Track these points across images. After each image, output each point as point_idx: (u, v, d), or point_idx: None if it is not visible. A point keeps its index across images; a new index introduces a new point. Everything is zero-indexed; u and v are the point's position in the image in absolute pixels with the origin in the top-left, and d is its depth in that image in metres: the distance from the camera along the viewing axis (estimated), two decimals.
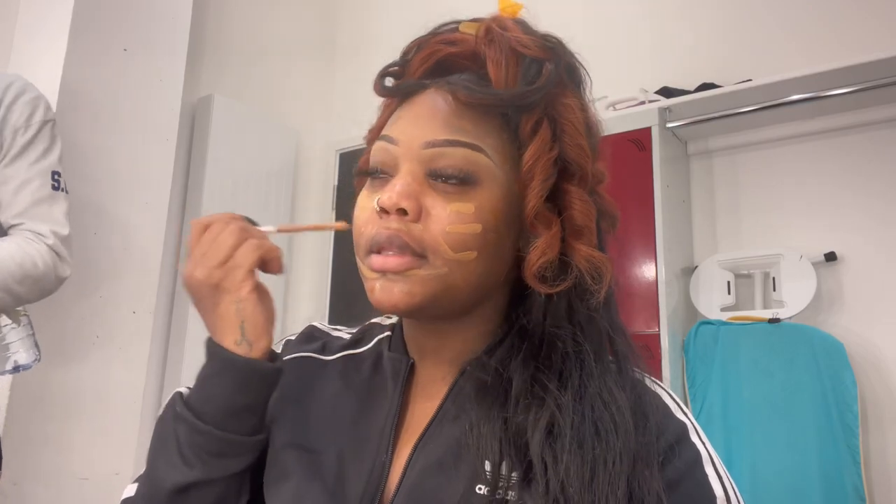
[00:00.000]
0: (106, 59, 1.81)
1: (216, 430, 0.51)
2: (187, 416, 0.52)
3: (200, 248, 0.53)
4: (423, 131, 0.53)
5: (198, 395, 0.53)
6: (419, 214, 0.51)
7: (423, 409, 0.57)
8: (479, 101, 0.52)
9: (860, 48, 1.76)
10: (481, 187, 0.52)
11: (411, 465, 0.53)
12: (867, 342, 1.72)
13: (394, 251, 0.51)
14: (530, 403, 0.50)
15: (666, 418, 0.53)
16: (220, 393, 0.52)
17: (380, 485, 0.53)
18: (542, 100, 0.54)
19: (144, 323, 1.84)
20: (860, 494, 1.56)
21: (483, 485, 0.49)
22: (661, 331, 1.75)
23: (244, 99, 2.45)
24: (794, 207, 1.89)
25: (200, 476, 0.51)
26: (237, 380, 0.52)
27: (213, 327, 0.54)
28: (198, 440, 0.51)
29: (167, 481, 0.51)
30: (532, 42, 0.54)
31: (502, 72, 0.53)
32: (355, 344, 0.65)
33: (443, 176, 0.52)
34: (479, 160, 0.52)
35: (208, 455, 0.51)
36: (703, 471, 0.50)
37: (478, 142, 0.53)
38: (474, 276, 0.53)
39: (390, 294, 0.51)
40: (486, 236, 0.52)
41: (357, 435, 0.57)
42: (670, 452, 0.50)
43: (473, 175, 0.52)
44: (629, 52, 2.20)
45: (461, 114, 0.53)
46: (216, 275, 0.52)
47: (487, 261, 0.53)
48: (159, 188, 1.92)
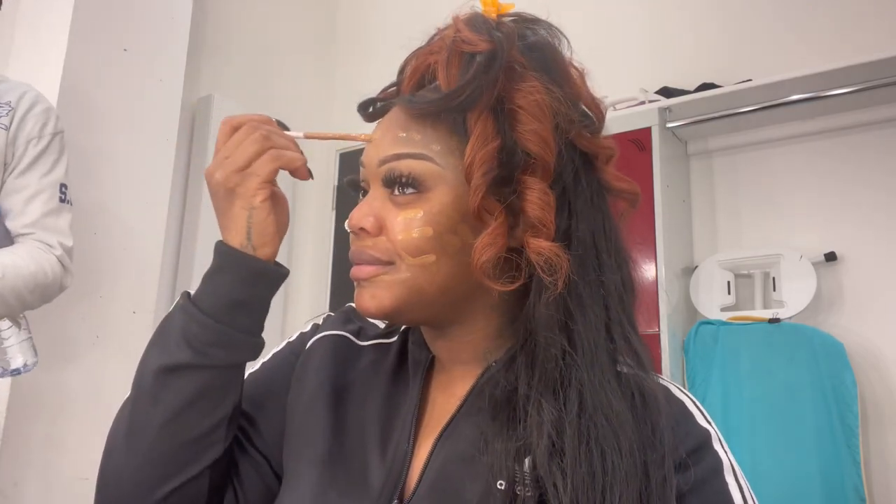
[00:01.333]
0: (106, 59, 1.81)
1: (212, 320, 0.54)
2: (188, 307, 0.55)
3: (225, 151, 0.55)
4: (378, 150, 0.56)
5: (201, 289, 0.56)
6: (379, 229, 0.55)
7: (445, 402, 0.58)
8: (419, 110, 0.54)
9: (860, 48, 1.76)
10: (431, 193, 0.54)
11: (433, 457, 0.54)
12: (867, 342, 1.72)
13: (363, 262, 0.55)
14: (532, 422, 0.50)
15: (689, 425, 0.53)
16: (220, 286, 0.55)
17: (401, 475, 0.54)
18: (481, 93, 0.52)
19: (144, 323, 1.84)
20: (860, 494, 1.56)
21: (504, 480, 0.49)
22: (661, 331, 1.75)
23: (244, 99, 2.45)
24: (794, 207, 1.89)
25: (187, 359, 0.53)
26: (237, 274, 0.55)
27: (224, 228, 0.56)
28: (193, 328, 0.54)
29: (154, 363, 0.54)
30: (477, 38, 0.53)
31: (444, 75, 0.54)
32: (388, 334, 0.67)
33: (396, 188, 0.55)
34: (424, 168, 0.54)
35: (200, 343, 0.53)
36: (724, 479, 0.51)
37: (423, 150, 0.54)
38: (439, 277, 0.54)
39: (363, 299, 0.55)
40: (442, 238, 0.53)
41: (381, 424, 0.58)
42: (691, 459, 0.51)
43: (421, 183, 0.54)
44: (629, 52, 2.20)
45: (409, 126, 0.55)
46: (233, 179, 0.55)
47: (451, 261, 0.54)
48: (159, 188, 1.92)
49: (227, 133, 0.56)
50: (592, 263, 0.55)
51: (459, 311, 0.57)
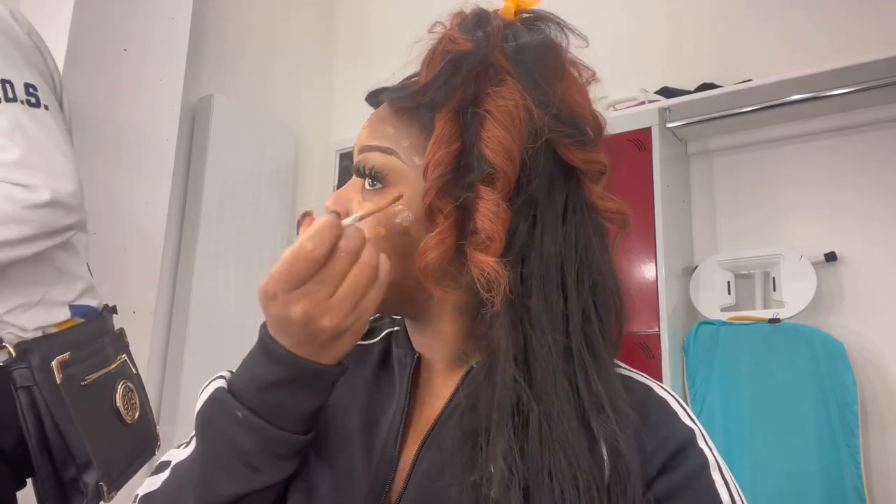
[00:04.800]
0: (106, 59, 1.81)
1: (290, 433, 0.49)
2: (256, 422, 0.48)
3: (325, 287, 0.45)
4: (360, 139, 0.57)
5: (269, 400, 0.49)
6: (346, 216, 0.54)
7: (430, 406, 0.57)
8: (394, 105, 0.55)
9: (860, 48, 1.76)
10: (391, 189, 0.54)
11: (419, 461, 0.53)
12: (867, 342, 1.72)
13: None
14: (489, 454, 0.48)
15: (673, 424, 0.53)
16: (298, 400, 0.49)
17: (387, 480, 0.53)
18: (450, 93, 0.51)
19: (144, 323, 1.84)
20: (860, 494, 1.56)
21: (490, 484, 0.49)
22: (661, 331, 1.75)
23: (244, 99, 2.45)
24: (794, 207, 1.89)
25: (267, 481, 0.49)
26: (322, 388, 0.50)
27: (311, 351, 0.48)
28: (269, 445, 0.49)
29: (227, 489, 0.49)
30: (461, 37, 0.52)
31: (424, 70, 0.54)
32: (367, 335, 0.65)
33: (366, 177, 0.55)
34: (389, 163, 0.54)
35: (277, 459, 0.49)
36: (710, 477, 0.50)
37: (391, 145, 0.54)
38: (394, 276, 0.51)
39: None
40: (393, 240, 0.53)
41: (365, 428, 0.57)
42: (677, 458, 0.50)
43: (383, 177, 0.54)
44: (629, 52, 2.20)
45: (387, 119, 0.55)
46: (348, 322, 0.47)
47: (403, 261, 0.52)
48: (159, 188, 1.92)
49: (313, 266, 0.45)
50: (555, 284, 0.51)
51: (425, 309, 0.57)
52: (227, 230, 2.27)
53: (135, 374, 1.16)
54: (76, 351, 1.03)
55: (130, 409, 1.09)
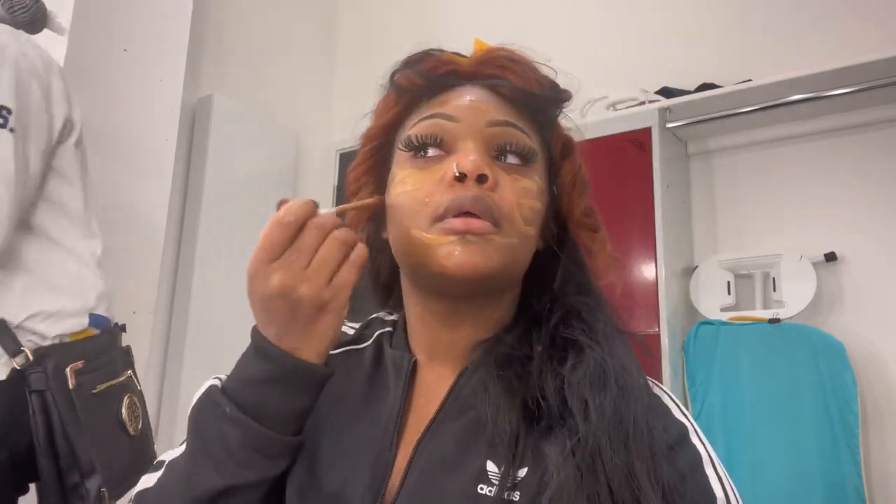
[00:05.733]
0: (106, 59, 1.81)
1: (275, 432, 0.50)
2: (242, 418, 0.49)
3: (299, 259, 0.48)
4: (485, 113, 0.55)
5: (256, 398, 0.50)
6: (495, 184, 0.53)
7: (425, 407, 0.57)
8: (521, 96, 0.57)
9: (860, 48, 1.76)
10: (536, 169, 0.57)
11: (414, 463, 0.53)
12: (867, 342, 1.72)
13: (479, 213, 0.52)
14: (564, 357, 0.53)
15: (666, 420, 0.53)
16: (285, 398, 0.50)
17: (383, 482, 0.53)
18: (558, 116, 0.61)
19: (144, 323, 1.84)
20: (860, 494, 1.56)
21: (485, 485, 0.49)
22: (661, 331, 1.75)
23: (244, 99, 2.45)
24: (794, 207, 1.89)
25: (251, 478, 0.50)
26: (305, 386, 0.51)
27: (296, 338, 0.50)
28: (255, 444, 0.50)
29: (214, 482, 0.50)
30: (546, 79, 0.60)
31: (532, 78, 0.58)
32: (357, 339, 0.65)
33: (507, 153, 0.55)
34: (533, 145, 0.57)
35: (262, 457, 0.50)
36: (704, 472, 0.51)
37: (528, 130, 0.57)
38: (530, 252, 0.57)
39: (471, 254, 0.51)
40: (541, 216, 0.57)
41: (360, 431, 0.57)
42: (671, 453, 0.50)
43: (528, 157, 0.56)
44: (629, 52, 2.20)
45: (507, 106, 0.57)
46: (325, 295, 0.49)
47: (536, 240, 0.57)
48: (159, 188, 1.92)
49: (284, 232, 0.48)
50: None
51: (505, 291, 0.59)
52: (227, 230, 2.27)
53: (139, 390, 1.19)
54: (89, 360, 1.07)
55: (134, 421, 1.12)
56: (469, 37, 0.64)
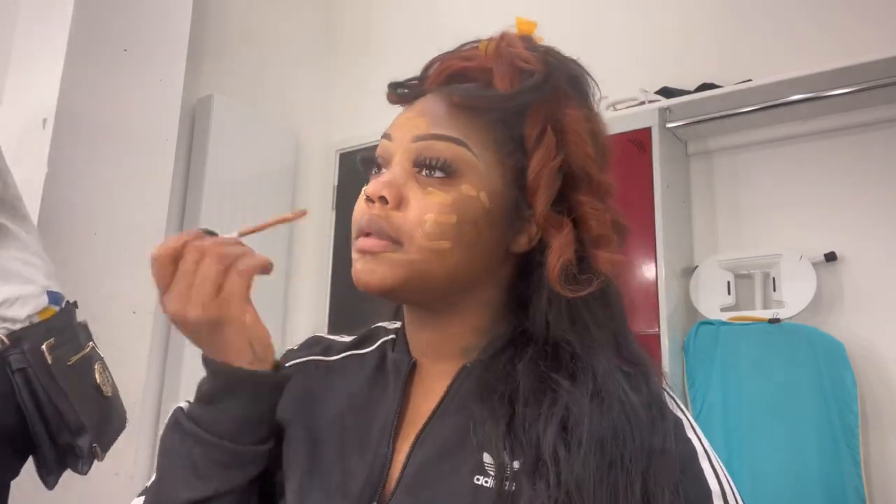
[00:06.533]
0: (106, 59, 1.81)
1: (230, 443, 0.52)
2: (198, 432, 0.52)
3: (181, 284, 0.51)
4: (414, 128, 0.56)
5: (208, 410, 0.53)
6: (399, 202, 0.54)
7: (423, 405, 0.58)
8: (470, 102, 0.56)
9: (860, 48, 1.76)
10: (460, 180, 0.55)
11: (411, 458, 0.54)
12: (867, 342, 1.72)
13: (373, 234, 0.54)
14: (542, 399, 0.51)
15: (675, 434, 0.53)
16: (234, 407, 0.53)
17: (381, 478, 0.54)
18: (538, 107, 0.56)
19: (144, 323, 1.84)
20: (860, 495, 1.56)
21: (482, 476, 0.50)
22: (661, 331, 1.75)
23: (244, 99, 2.45)
24: (794, 207, 1.89)
25: (216, 489, 0.52)
26: (251, 394, 0.53)
27: (220, 353, 0.53)
28: (213, 454, 0.52)
29: (180, 497, 0.52)
30: (533, 57, 0.57)
31: (507, 81, 0.56)
32: (359, 345, 0.67)
33: (427, 167, 0.55)
34: (462, 155, 0.55)
35: (223, 468, 0.52)
36: (699, 466, 0.51)
37: (462, 137, 0.55)
38: (450, 265, 0.54)
39: (363, 272, 0.54)
40: (462, 228, 0.54)
41: (359, 430, 0.58)
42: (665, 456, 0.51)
43: (455, 168, 0.55)
44: (629, 52, 2.20)
45: (454, 115, 0.56)
46: (212, 310, 0.51)
47: (464, 253, 0.55)
48: (159, 188, 1.92)
49: (166, 265, 0.52)
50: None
51: (455, 301, 0.58)
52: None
53: (102, 357, 1.30)
54: (58, 336, 1.18)
55: (106, 384, 1.25)
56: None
